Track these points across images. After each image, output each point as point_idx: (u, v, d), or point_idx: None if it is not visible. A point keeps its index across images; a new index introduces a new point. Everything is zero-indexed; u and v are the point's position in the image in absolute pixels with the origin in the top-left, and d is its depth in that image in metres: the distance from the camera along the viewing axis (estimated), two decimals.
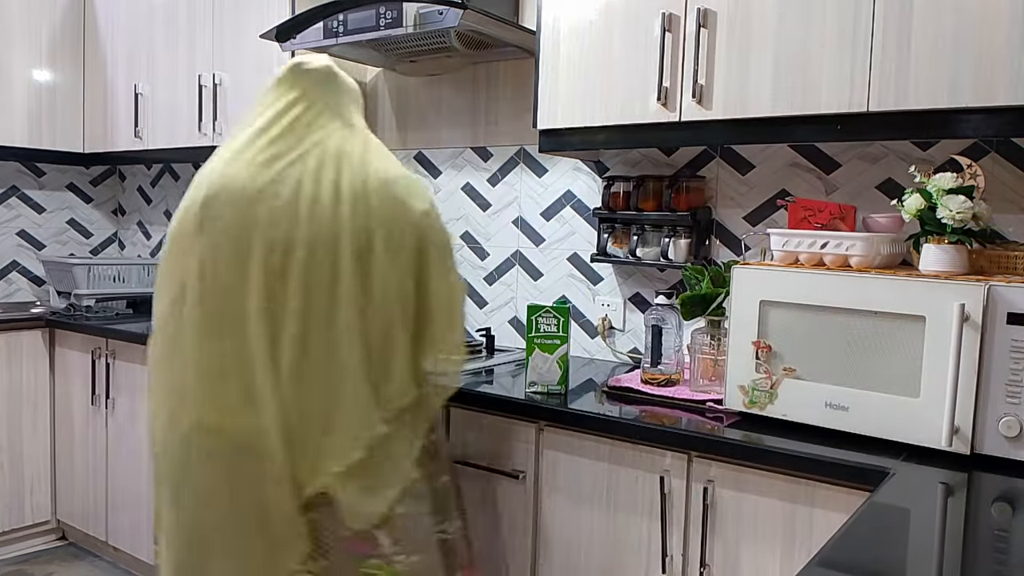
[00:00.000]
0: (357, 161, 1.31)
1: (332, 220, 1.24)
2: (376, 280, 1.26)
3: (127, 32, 2.79)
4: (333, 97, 1.39)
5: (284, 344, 1.22)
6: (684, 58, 1.58)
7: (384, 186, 1.30)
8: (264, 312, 1.22)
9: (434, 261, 1.33)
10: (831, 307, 1.32)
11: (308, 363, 1.22)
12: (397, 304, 1.28)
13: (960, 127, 1.33)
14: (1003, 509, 1.06)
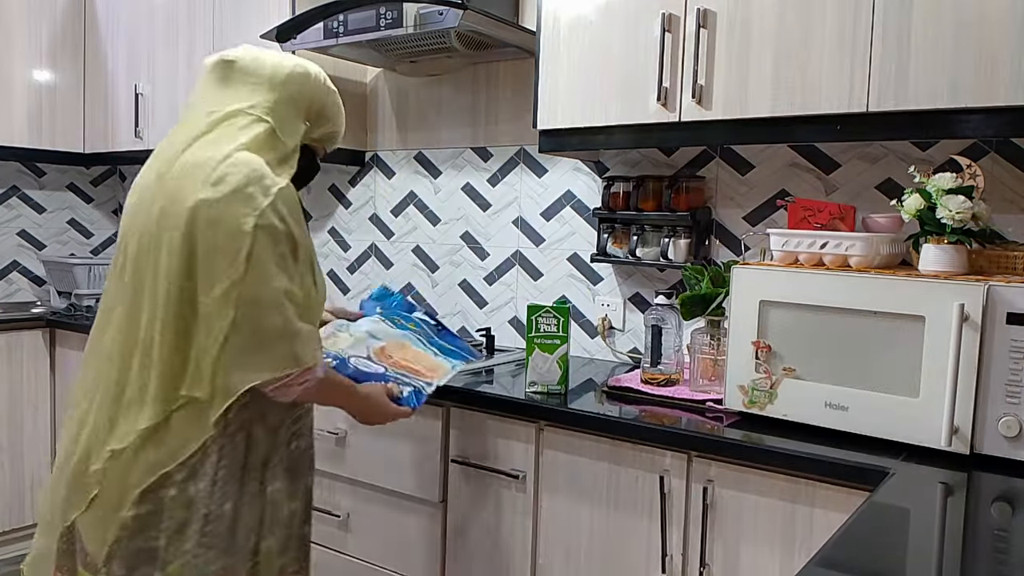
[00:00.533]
0: (177, 148, 1.19)
1: (130, 215, 1.22)
2: (138, 279, 1.16)
3: (127, 32, 2.79)
4: (215, 90, 1.25)
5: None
6: (684, 58, 1.58)
7: (178, 173, 1.16)
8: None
9: (200, 267, 1.12)
10: (831, 307, 1.32)
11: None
12: (157, 312, 1.13)
13: (960, 127, 1.33)
14: (1002, 509, 1.07)
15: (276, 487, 1.26)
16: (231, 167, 1.14)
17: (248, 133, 1.20)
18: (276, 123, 1.23)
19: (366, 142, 2.55)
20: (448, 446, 1.68)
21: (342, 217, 2.63)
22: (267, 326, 1.13)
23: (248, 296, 1.11)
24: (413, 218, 2.45)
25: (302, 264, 1.21)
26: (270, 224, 1.13)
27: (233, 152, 1.16)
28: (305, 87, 1.28)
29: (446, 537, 1.70)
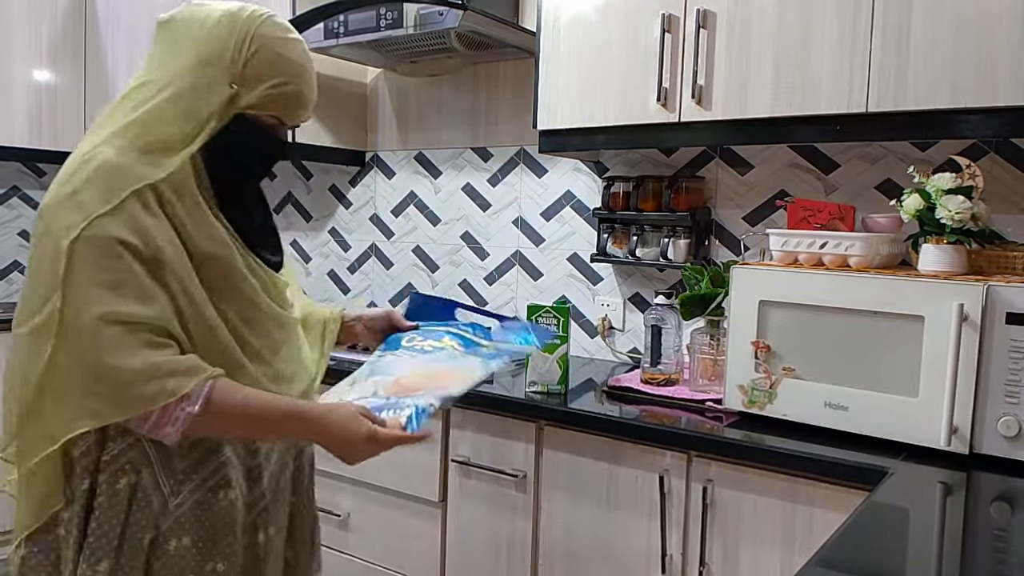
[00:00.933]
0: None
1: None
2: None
3: (128, 32, 2.79)
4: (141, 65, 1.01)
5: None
6: (684, 59, 1.58)
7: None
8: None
9: (24, 293, 0.93)
10: (830, 307, 1.32)
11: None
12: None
13: (959, 127, 1.33)
14: (1002, 509, 1.07)
15: (177, 544, 0.98)
16: (83, 163, 0.92)
17: (135, 114, 0.95)
18: (180, 91, 0.95)
19: (366, 142, 2.55)
20: (448, 446, 1.68)
21: (342, 217, 2.63)
22: (91, 362, 0.87)
23: (69, 328, 0.87)
24: (413, 218, 2.46)
25: (176, 277, 0.93)
26: (103, 236, 0.88)
27: (100, 144, 0.93)
28: (228, 39, 0.96)
29: (446, 537, 1.70)
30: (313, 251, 2.73)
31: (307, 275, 2.75)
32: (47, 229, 0.90)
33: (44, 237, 0.90)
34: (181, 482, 0.99)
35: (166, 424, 0.91)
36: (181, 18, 0.99)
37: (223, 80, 0.96)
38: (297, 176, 2.76)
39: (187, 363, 0.92)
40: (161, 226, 0.92)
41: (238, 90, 0.97)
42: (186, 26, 0.98)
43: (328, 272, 2.69)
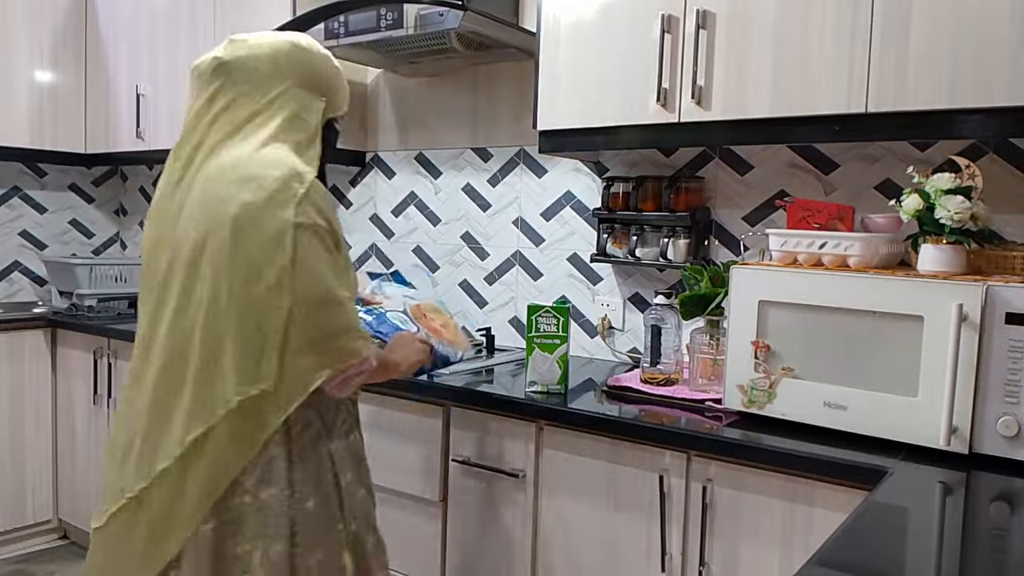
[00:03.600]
0: (198, 157, 1.20)
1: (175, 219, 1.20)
2: (181, 287, 1.16)
3: (129, 33, 2.79)
4: (224, 93, 1.23)
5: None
6: (683, 59, 1.58)
7: (210, 179, 1.17)
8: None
9: (247, 270, 1.12)
10: (830, 307, 1.32)
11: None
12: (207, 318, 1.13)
13: (958, 128, 1.33)
14: (1001, 508, 1.07)
15: (348, 479, 1.26)
16: (263, 168, 1.15)
17: (271, 126, 1.20)
18: (296, 108, 1.22)
19: (366, 143, 2.55)
20: (448, 446, 1.68)
21: (343, 217, 2.63)
22: (325, 324, 1.14)
23: (302, 297, 1.12)
24: (413, 218, 2.46)
25: (343, 255, 1.22)
26: (311, 223, 1.14)
27: (262, 149, 1.17)
28: (308, 63, 1.25)
29: (446, 537, 1.70)
30: None
31: None
32: (258, 223, 1.12)
33: (258, 230, 1.12)
34: (333, 429, 1.25)
35: (355, 376, 1.20)
36: (247, 53, 1.23)
37: (317, 95, 1.26)
38: None
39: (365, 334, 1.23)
40: (329, 212, 1.19)
41: (326, 100, 1.28)
42: (259, 59, 1.23)
43: None
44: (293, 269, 1.11)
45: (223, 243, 1.12)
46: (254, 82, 1.22)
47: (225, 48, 1.24)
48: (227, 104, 1.21)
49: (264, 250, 1.11)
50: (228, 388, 1.12)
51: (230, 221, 1.12)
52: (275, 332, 1.11)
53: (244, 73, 1.22)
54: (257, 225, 1.12)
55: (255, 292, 1.11)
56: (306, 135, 1.23)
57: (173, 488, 1.13)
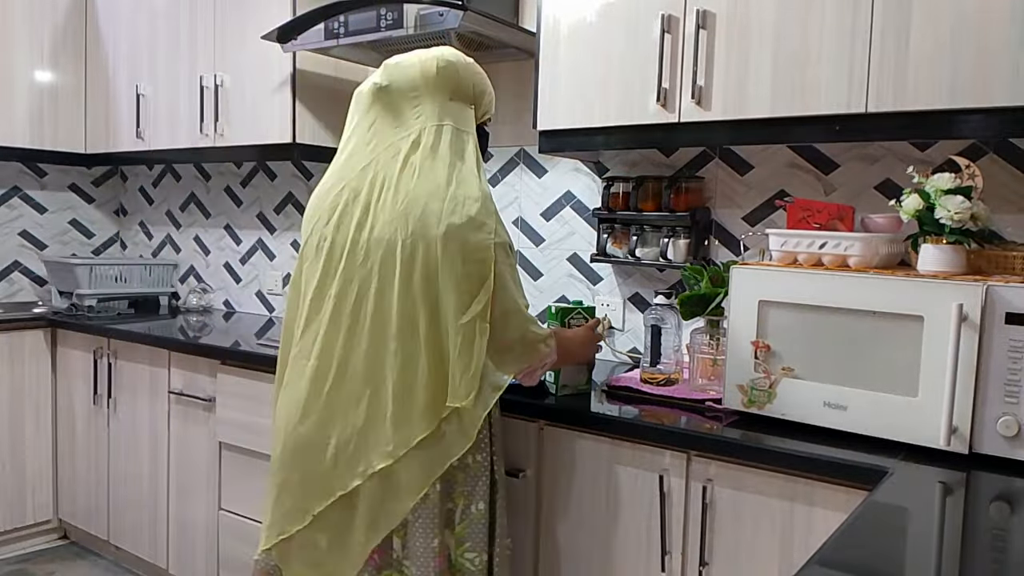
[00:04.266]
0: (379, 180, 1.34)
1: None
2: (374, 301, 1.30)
3: (129, 33, 2.79)
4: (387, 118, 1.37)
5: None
6: (683, 59, 1.58)
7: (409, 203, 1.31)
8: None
9: (452, 290, 1.28)
10: (830, 307, 1.32)
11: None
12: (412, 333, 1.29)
13: (958, 128, 1.33)
14: (1001, 508, 1.07)
15: (500, 472, 1.44)
16: (459, 192, 1.28)
17: (443, 146, 1.31)
18: (455, 123, 1.34)
19: None
20: None
21: None
22: (515, 333, 1.31)
23: (499, 311, 1.27)
24: None
25: (516, 262, 1.36)
26: (502, 242, 1.29)
27: (452, 174, 1.29)
28: (456, 75, 1.36)
29: None
30: None
31: None
32: (463, 244, 1.26)
33: (463, 250, 1.25)
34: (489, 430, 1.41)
35: (539, 369, 1.39)
36: (401, 76, 1.36)
37: (469, 104, 1.38)
38: (297, 176, 2.77)
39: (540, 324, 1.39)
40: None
41: (474, 108, 1.39)
42: (411, 81, 1.35)
43: None
44: (493, 290, 1.26)
45: (431, 259, 1.25)
46: (412, 102, 1.33)
47: (382, 74, 1.37)
48: (394, 130, 1.33)
49: (469, 276, 1.25)
50: (431, 408, 1.27)
51: (439, 239, 1.25)
52: (477, 354, 1.25)
53: (400, 95, 1.34)
54: (462, 250, 1.25)
55: (460, 318, 1.25)
56: (470, 146, 1.34)
57: (389, 484, 1.29)
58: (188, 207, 3.13)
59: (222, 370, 2.13)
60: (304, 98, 2.32)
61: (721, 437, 1.34)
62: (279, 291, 2.84)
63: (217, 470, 2.18)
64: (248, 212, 2.93)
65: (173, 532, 2.34)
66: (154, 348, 2.33)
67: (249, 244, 2.93)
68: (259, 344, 2.22)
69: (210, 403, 2.18)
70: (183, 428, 2.28)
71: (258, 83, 2.38)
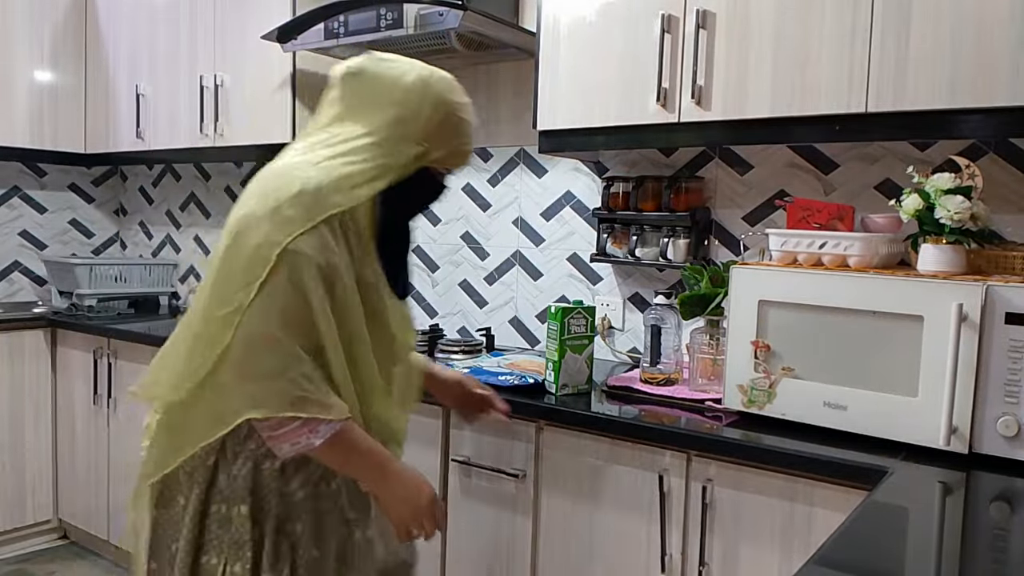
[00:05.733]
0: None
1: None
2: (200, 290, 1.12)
3: (129, 33, 2.79)
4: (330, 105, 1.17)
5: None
6: (683, 59, 1.58)
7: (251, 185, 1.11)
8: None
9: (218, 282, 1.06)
10: (829, 307, 1.32)
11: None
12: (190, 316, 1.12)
13: (958, 128, 1.33)
14: (1001, 508, 1.07)
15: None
16: (285, 179, 1.05)
17: (333, 150, 1.09)
18: (379, 140, 1.09)
19: None
20: (448, 446, 1.68)
21: None
22: (261, 363, 1.00)
23: (250, 327, 1.00)
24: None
25: (342, 300, 1.06)
26: (300, 252, 1.00)
27: (298, 167, 1.06)
28: (422, 103, 1.11)
29: (446, 537, 1.70)
30: None
31: None
32: (245, 235, 1.02)
33: (241, 239, 1.03)
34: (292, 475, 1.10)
35: (287, 441, 1.03)
36: (372, 73, 1.13)
37: (414, 137, 1.11)
38: None
39: (328, 398, 1.04)
40: (340, 250, 1.06)
41: (426, 147, 1.12)
42: (380, 83, 1.12)
43: None
44: (252, 300, 1.00)
45: (215, 251, 1.08)
46: (362, 102, 1.12)
47: (361, 60, 1.15)
48: (328, 116, 1.14)
49: (236, 272, 1.02)
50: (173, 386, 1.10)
51: (227, 232, 1.05)
52: (207, 360, 1.03)
53: (358, 89, 1.13)
54: (241, 240, 1.02)
55: (213, 314, 1.03)
56: (374, 170, 1.08)
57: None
58: (188, 207, 3.13)
59: None
60: (304, 98, 2.32)
61: (721, 437, 1.34)
62: None
63: None
64: None
65: None
66: (154, 348, 2.31)
67: None
68: None
69: None
70: None
71: (258, 83, 2.38)
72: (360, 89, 1.13)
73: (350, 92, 1.13)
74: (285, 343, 1.01)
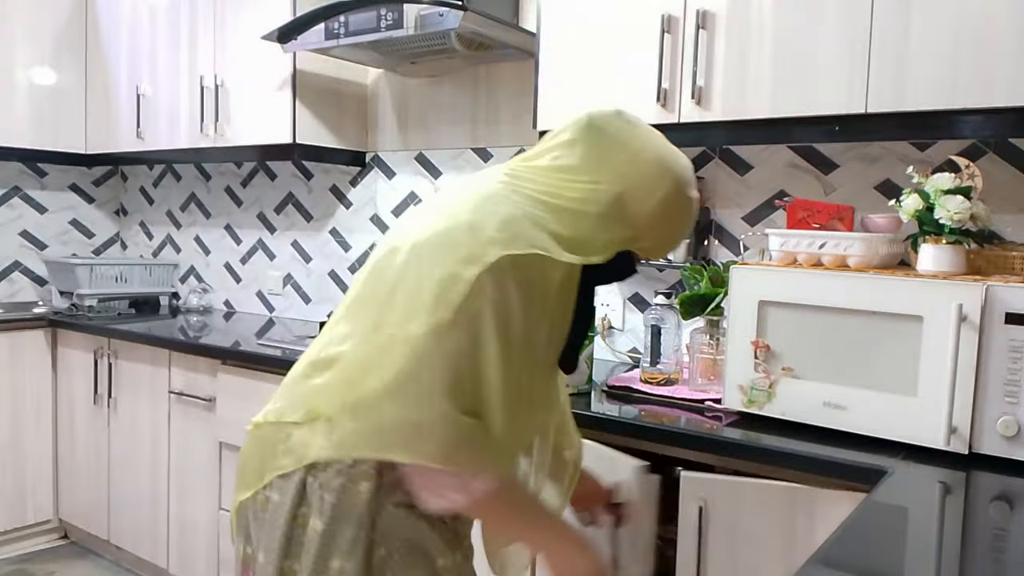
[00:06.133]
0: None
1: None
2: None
3: (129, 33, 2.79)
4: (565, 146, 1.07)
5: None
6: (683, 59, 1.58)
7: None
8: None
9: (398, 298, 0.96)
10: (829, 307, 1.32)
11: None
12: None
13: (958, 128, 1.33)
14: (1001, 508, 1.07)
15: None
16: (491, 206, 0.95)
17: (552, 200, 0.99)
18: (596, 212, 0.99)
19: (367, 143, 2.55)
20: None
21: (343, 217, 2.64)
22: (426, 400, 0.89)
23: (426, 353, 0.89)
24: None
25: (516, 347, 0.94)
26: (500, 278, 0.90)
27: (504, 198, 0.97)
28: (652, 191, 1.00)
29: None
30: (314, 251, 2.73)
31: (307, 276, 2.76)
32: (437, 252, 0.92)
33: (432, 255, 0.92)
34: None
35: (440, 495, 0.93)
36: (614, 137, 1.03)
37: (630, 222, 1.01)
38: (297, 176, 2.77)
39: (490, 450, 0.93)
40: (526, 298, 0.94)
41: (638, 236, 1.02)
42: (618, 151, 1.02)
43: (329, 272, 2.69)
44: (442, 323, 0.89)
45: (382, 261, 0.99)
46: (596, 161, 1.01)
47: (608, 116, 1.06)
48: (557, 160, 1.04)
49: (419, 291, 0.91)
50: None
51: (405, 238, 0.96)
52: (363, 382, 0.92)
53: (593, 140, 1.03)
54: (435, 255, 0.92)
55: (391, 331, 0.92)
56: (581, 239, 0.97)
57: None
58: (188, 207, 3.13)
59: (223, 370, 2.13)
60: (304, 98, 2.32)
61: (721, 437, 1.34)
62: (279, 291, 2.84)
63: (218, 470, 2.18)
64: (248, 212, 2.93)
65: (173, 532, 2.34)
66: (154, 348, 2.33)
67: (249, 244, 2.93)
68: (259, 344, 2.22)
69: (210, 403, 2.18)
70: (183, 428, 2.28)
71: (258, 83, 2.38)
72: (595, 147, 1.02)
73: (583, 145, 1.03)
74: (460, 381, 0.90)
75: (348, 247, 2.63)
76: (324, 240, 2.69)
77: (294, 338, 2.33)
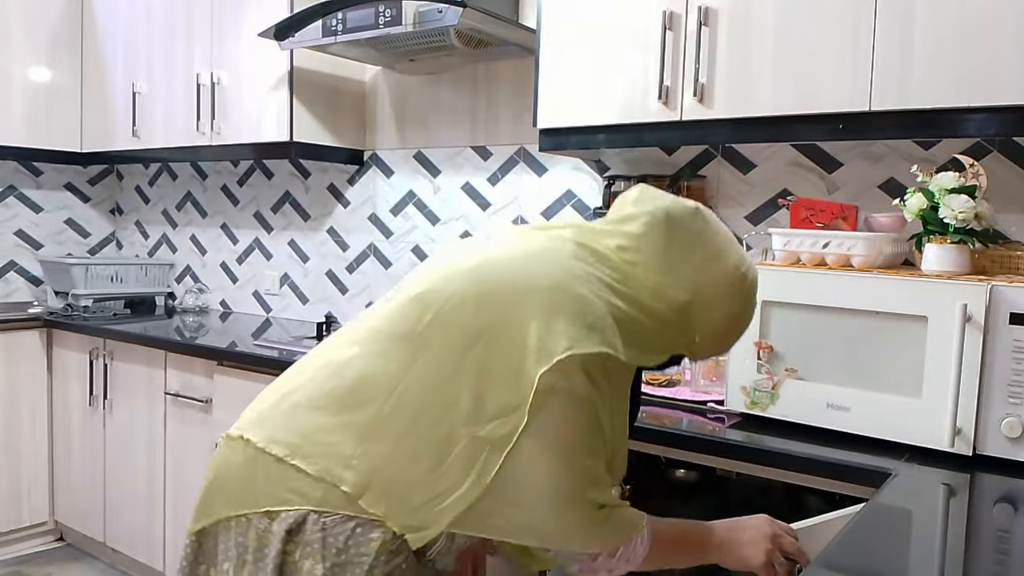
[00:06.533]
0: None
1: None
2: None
3: (125, 31, 2.78)
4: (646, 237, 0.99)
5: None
6: (685, 57, 1.57)
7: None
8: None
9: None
10: (833, 307, 1.31)
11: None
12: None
13: (963, 126, 1.32)
14: (1005, 510, 1.06)
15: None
16: (568, 283, 0.91)
17: (618, 284, 0.95)
18: (662, 317, 0.96)
19: (365, 141, 2.54)
20: None
21: (341, 217, 2.62)
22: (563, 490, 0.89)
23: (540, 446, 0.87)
24: (412, 218, 2.45)
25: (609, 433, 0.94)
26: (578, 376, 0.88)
27: (576, 281, 0.92)
28: (719, 301, 0.99)
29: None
30: (311, 251, 2.72)
31: (305, 276, 2.74)
32: (510, 325, 0.89)
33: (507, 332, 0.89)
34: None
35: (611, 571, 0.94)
36: (695, 231, 0.98)
37: (696, 330, 0.99)
38: (295, 175, 2.75)
39: (628, 508, 0.96)
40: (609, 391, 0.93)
41: (695, 342, 1.01)
42: (692, 251, 0.98)
43: (326, 272, 2.67)
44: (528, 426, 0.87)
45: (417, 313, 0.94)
46: (670, 258, 0.97)
47: (690, 210, 0.99)
48: (631, 255, 0.97)
49: (499, 378, 0.88)
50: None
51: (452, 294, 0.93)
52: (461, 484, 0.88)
53: (669, 234, 0.97)
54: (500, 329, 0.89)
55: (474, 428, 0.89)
56: (644, 343, 0.95)
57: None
58: (184, 206, 3.11)
59: (219, 371, 2.11)
60: (302, 96, 2.30)
61: (724, 439, 1.32)
62: (275, 291, 2.83)
63: None
64: (245, 211, 2.91)
65: (169, 535, 2.32)
66: (150, 349, 2.31)
67: (246, 244, 2.92)
68: (256, 344, 2.21)
69: (207, 404, 2.16)
70: (180, 429, 2.27)
71: (255, 81, 2.37)
72: (670, 246, 0.97)
73: (658, 238, 0.97)
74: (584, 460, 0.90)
75: (346, 247, 2.62)
76: (322, 240, 2.68)
77: (291, 339, 2.32)
